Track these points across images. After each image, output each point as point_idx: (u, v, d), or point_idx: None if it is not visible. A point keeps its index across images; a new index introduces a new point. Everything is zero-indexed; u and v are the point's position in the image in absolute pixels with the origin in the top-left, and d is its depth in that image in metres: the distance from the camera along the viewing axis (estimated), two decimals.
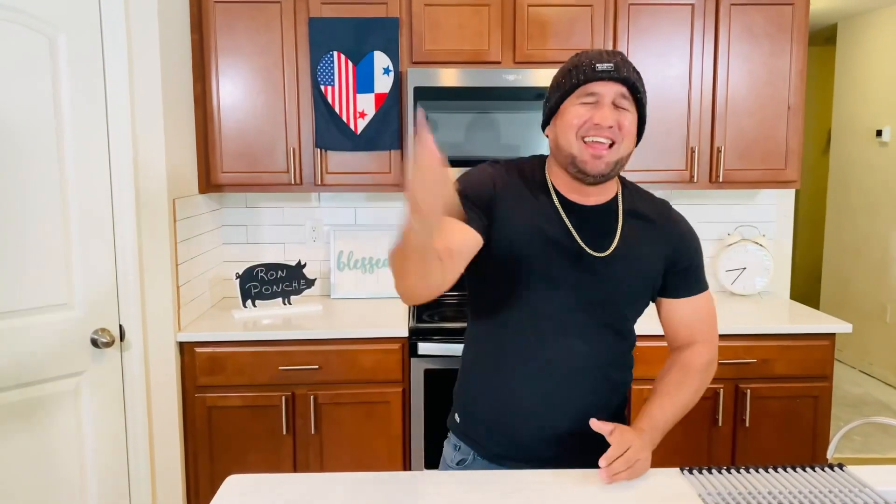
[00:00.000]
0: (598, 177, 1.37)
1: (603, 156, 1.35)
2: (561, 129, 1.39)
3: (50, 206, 2.16)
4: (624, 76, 1.35)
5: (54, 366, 2.20)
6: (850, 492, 1.29)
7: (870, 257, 5.11)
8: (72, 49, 2.18)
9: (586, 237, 1.41)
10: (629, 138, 1.38)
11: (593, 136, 1.35)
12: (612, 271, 1.41)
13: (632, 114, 1.38)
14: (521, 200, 1.42)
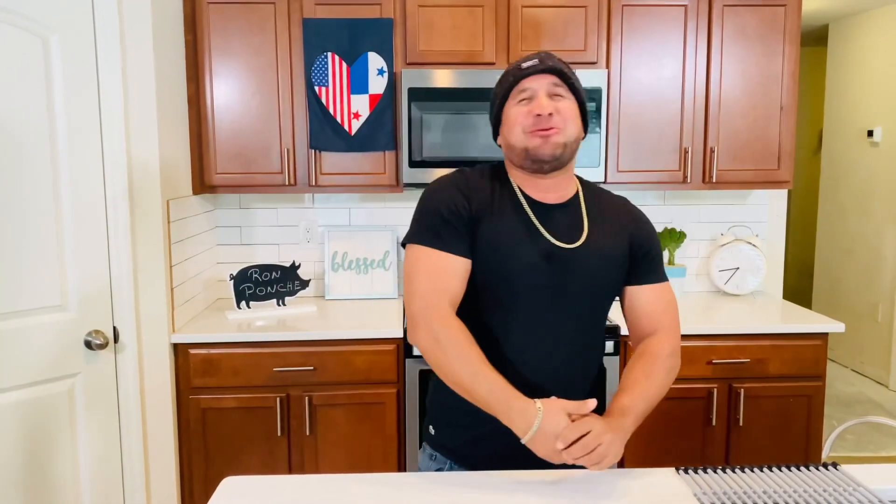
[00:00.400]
0: (553, 160, 1.43)
1: (550, 136, 1.41)
2: (507, 130, 1.46)
3: (43, 207, 2.15)
4: (549, 66, 1.43)
5: (48, 368, 2.19)
6: (844, 491, 1.30)
7: (861, 257, 5.14)
8: (65, 50, 2.17)
9: (554, 233, 1.45)
10: (571, 122, 1.44)
11: (537, 125, 1.41)
12: (583, 262, 1.45)
13: (569, 100, 1.44)
14: (492, 208, 1.46)
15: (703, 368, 2.66)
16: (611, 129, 2.85)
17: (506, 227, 1.44)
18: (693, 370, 2.66)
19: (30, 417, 2.16)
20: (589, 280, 1.46)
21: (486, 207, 1.45)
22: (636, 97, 2.85)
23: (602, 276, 1.49)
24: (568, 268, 1.44)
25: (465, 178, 1.49)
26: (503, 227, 1.44)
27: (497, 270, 1.43)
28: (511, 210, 1.46)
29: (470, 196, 1.45)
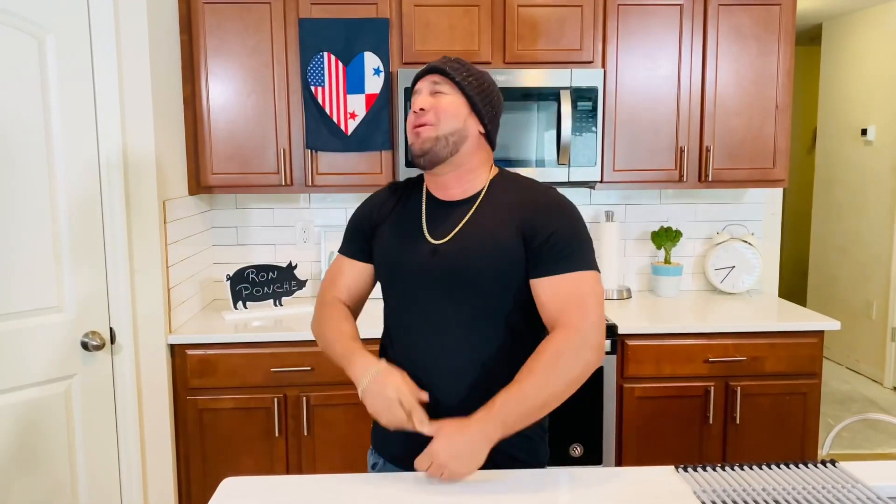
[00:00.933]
0: (423, 154, 1.46)
1: (420, 132, 1.45)
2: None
3: (39, 208, 2.14)
4: (433, 67, 1.49)
5: (45, 369, 2.18)
6: (843, 487, 1.30)
7: (855, 255, 5.16)
8: (60, 50, 2.16)
9: (435, 228, 1.50)
10: (447, 116, 1.45)
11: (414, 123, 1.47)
12: (453, 255, 1.46)
13: (450, 95, 1.47)
14: (393, 211, 1.57)
15: (700, 367, 2.67)
16: (607, 128, 2.85)
17: (396, 229, 1.54)
18: (690, 368, 2.66)
19: (27, 419, 2.15)
20: (464, 274, 1.43)
21: (387, 214, 1.57)
22: (632, 96, 2.86)
23: (479, 270, 1.43)
24: (439, 263, 1.46)
25: (383, 192, 1.62)
26: (394, 229, 1.54)
27: (384, 268, 1.56)
28: (408, 212, 1.55)
29: (378, 207, 1.59)
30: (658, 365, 2.66)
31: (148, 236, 2.42)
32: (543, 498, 1.28)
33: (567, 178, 2.80)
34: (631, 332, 2.64)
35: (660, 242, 3.16)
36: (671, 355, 2.66)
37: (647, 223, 3.28)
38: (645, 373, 2.66)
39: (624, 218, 3.27)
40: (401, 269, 1.51)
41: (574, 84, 2.75)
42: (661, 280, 3.16)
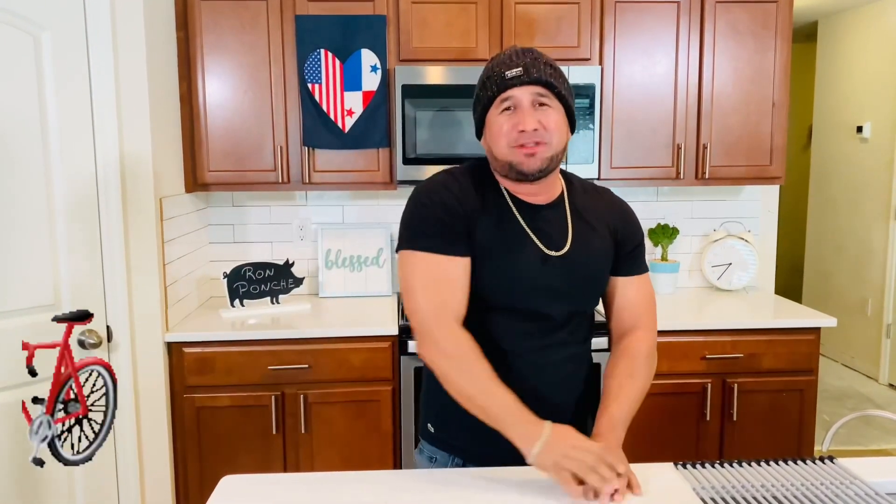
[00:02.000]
0: (537, 173, 1.41)
1: (536, 153, 1.38)
2: (491, 140, 1.43)
3: (35, 205, 2.14)
4: (535, 77, 1.37)
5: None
6: (841, 484, 1.31)
7: (850, 252, 5.18)
8: (56, 48, 2.15)
9: (543, 237, 1.45)
10: (558, 134, 1.40)
11: (522, 142, 1.38)
12: (570, 267, 1.45)
13: (555, 110, 1.40)
14: (483, 210, 1.44)
15: (697, 364, 2.67)
16: (604, 125, 2.85)
17: (498, 231, 1.43)
18: (687, 365, 2.67)
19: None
20: (580, 282, 1.48)
21: (477, 210, 1.43)
22: (629, 93, 2.86)
23: (591, 276, 1.50)
24: (559, 272, 1.44)
25: (455, 179, 1.46)
26: (496, 231, 1.43)
27: (492, 276, 1.41)
28: (501, 213, 1.45)
29: (461, 197, 1.42)
30: None
31: (144, 234, 2.42)
32: (540, 494, 1.28)
33: None
34: None
35: (657, 239, 3.17)
36: (668, 352, 2.66)
37: (644, 220, 3.25)
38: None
39: None
40: (514, 279, 1.42)
41: (571, 81, 2.74)
42: (658, 277, 3.17)
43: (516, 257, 1.42)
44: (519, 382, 1.38)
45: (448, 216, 1.40)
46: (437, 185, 1.44)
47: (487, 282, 1.42)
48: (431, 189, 1.44)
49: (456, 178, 1.46)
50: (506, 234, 1.43)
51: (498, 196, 1.47)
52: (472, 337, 1.37)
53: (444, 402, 1.47)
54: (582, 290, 1.49)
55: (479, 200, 1.44)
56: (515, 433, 1.28)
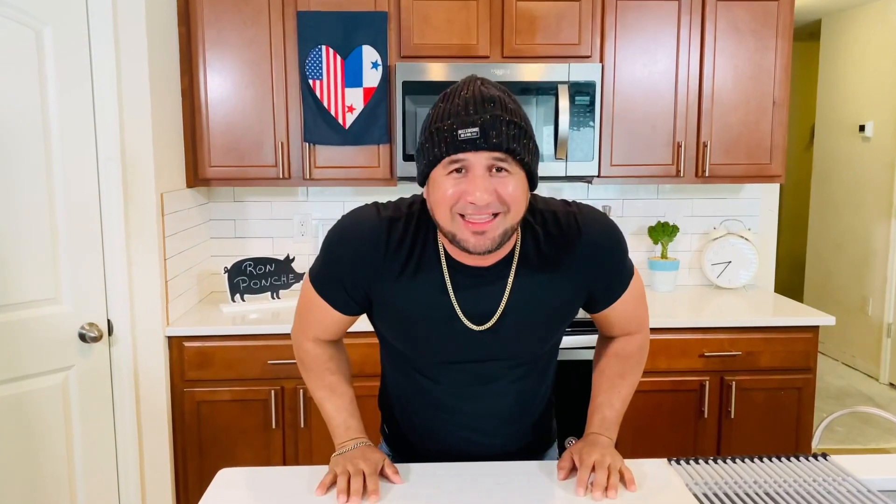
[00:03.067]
0: (487, 252, 1.18)
1: (486, 231, 1.15)
2: (434, 201, 1.18)
3: (37, 200, 2.15)
4: (494, 143, 1.11)
5: (42, 361, 2.19)
6: (833, 480, 1.31)
7: (852, 251, 5.18)
8: (58, 42, 2.16)
9: (469, 306, 1.27)
10: (516, 205, 1.15)
11: (470, 215, 1.14)
12: (498, 340, 1.29)
13: (514, 177, 1.15)
14: (402, 274, 1.26)
15: (695, 361, 2.68)
16: (604, 123, 2.86)
17: (417, 298, 1.27)
18: (685, 363, 2.68)
19: (24, 410, 2.16)
20: (514, 350, 1.33)
21: (394, 271, 1.26)
22: (630, 91, 2.86)
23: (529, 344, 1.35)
24: (485, 344, 1.30)
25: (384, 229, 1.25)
26: (415, 297, 1.27)
27: (407, 342, 1.34)
28: (426, 276, 1.26)
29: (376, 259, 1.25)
30: (653, 359, 2.66)
31: (145, 229, 2.43)
32: (533, 490, 1.29)
33: (564, 173, 2.80)
34: None
35: (657, 237, 3.17)
36: (666, 350, 2.67)
37: (644, 218, 3.28)
38: None
39: (621, 213, 3.28)
40: (432, 351, 1.33)
41: (572, 79, 2.76)
42: (658, 275, 3.17)
43: (435, 329, 1.29)
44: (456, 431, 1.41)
45: (343, 280, 1.29)
46: (358, 233, 1.26)
47: (406, 346, 1.36)
48: (350, 237, 1.27)
49: (386, 228, 1.26)
50: (426, 303, 1.27)
51: (432, 256, 1.26)
52: (335, 351, 1.45)
53: (391, 406, 1.51)
54: (518, 354, 1.35)
55: (402, 261, 1.25)
56: (335, 440, 1.40)
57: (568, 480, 1.32)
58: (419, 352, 1.35)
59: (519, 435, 1.46)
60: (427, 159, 1.17)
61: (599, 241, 1.30)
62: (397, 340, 1.37)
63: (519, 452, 1.45)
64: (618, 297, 1.38)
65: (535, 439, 1.50)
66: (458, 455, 1.42)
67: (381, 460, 1.33)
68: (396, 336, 1.36)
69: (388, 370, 1.48)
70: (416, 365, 1.38)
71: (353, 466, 1.30)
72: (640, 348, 1.48)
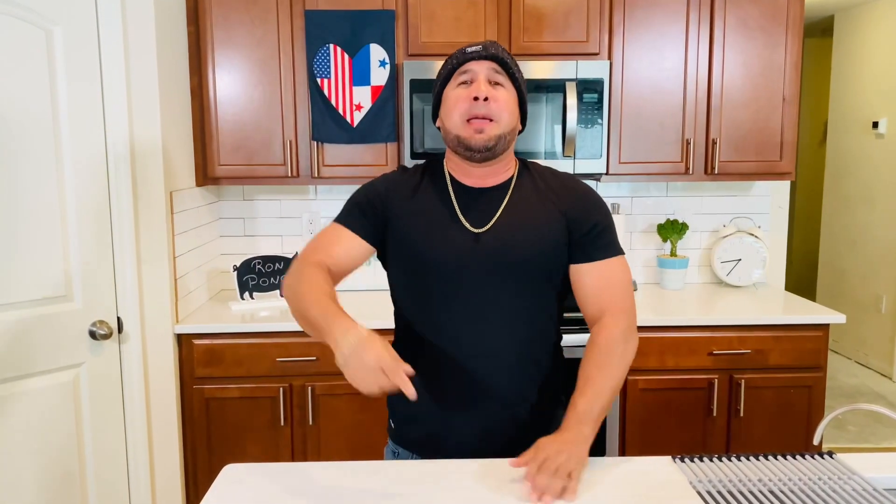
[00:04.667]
0: (484, 150, 1.43)
1: (484, 129, 1.42)
2: (445, 113, 1.48)
3: (47, 198, 2.17)
4: (492, 53, 1.45)
5: (52, 358, 2.21)
6: (839, 479, 1.31)
7: (865, 248, 5.13)
8: (68, 42, 2.18)
9: (471, 216, 1.47)
10: (508, 113, 1.45)
11: (474, 114, 1.42)
12: (495, 244, 1.44)
13: (507, 90, 1.46)
14: (414, 196, 1.50)
15: (704, 359, 2.67)
16: (612, 120, 2.85)
17: (424, 218, 1.47)
18: (694, 361, 2.67)
19: (35, 407, 2.18)
20: (510, 259, 1.44)
21: (406, 201, 1.49)
22: (638, 88, 2.85)
23: (525, 254, 1.44)
24: (483, 250, 1.43)
25: (396, 174, 1.56)
26: (421, 218, 1.47)
27: (413, 259, 1.47)
28: (433, 197, 1.50)
29: (392, 186, 1.52)
30: (662, 357, 2.66)
31: (155, 227, 2.45)
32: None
33: (573, 170, 2.80)
34: None
35: (666, 235, 3.16)
36: (675, 348, 2.66)
37: (653, 216, 3.27)
38: (649, 365, 2.66)
39: (630, 210, 3.27)
40: (437, 259, 1.45)
41: (580, 76, 2.75)
42: (667, 273, 3.16)
43: (439, 233, 1.45)
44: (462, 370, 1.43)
45: (365, 201, 1.51)
46: (379, 178, 1.57)
47: (416, 261, 1.47)
48: (373, 180, 1.56)
49: (402, 171, 1.57)
50: (432, 214, 1.47)
51: (439, 178, 1.52)
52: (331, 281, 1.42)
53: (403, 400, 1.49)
54: (513, 269, 1.44)
55: (411, 189, 1.51)
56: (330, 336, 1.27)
57: None
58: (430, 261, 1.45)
59: (522, 390, 1.48)
60: (441, 79, 1.50)
61: (585, 191, 1.53)
62: (411, 258, 1.47)
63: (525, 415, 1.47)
64: (599, 258, 1.47)
65: (539, 402, 1.50)
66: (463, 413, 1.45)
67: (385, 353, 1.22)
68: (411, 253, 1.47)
69: (400, 335, 1.55)
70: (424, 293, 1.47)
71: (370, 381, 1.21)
72: (622, 338, 1.43)
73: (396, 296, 1.56)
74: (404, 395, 1.39)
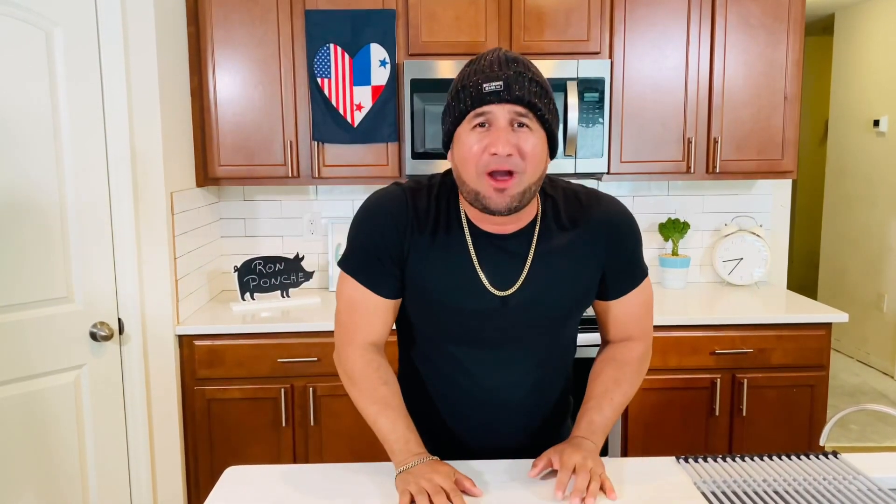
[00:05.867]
0: (506, 212, 1.23)
1: (507, 188, 1.20)
2: (459, 160, 1.25)
3: (48, 199, 2.16)
4: (516, 95, 1.18)
5: (54, 359, 2.21)
6: (843, 479, 1.30)
7: (867, 247, 5.13)
8: (68, 43, 2.18)
9: (494, 273, 1.30)
10: (534, 163, 1.21)
11: (493, 168, 1.20)
12: (524, 306, 1.31)
13: (534, 134, 1.21)
14: (431, 242, 1.31)
15: (707, 359, 2.66)
16: (614, 119, 2.84)
17: (441, 261, 1.30)
18: (696, 360, 2.66)
19: (36, 409, 2.18)
20: (534, 324, 1.34)
21: (422, 237, 1.31)
22: (639, 87, 2.84)
23: (555, 316, 1.36)
24: (506, 313, 1.32)
25: (406, 201, 1.31)
26: (438, 260, 1.31)
27: (429, 312, 1.35)
28: (450, 242, 1.31)
29: (403, 228, 1.30)
30: (664, 357, 2.65)
31: (156, 228, 2.44)
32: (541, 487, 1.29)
33: (574, 170, 2.79)
34: None
35: (667, 234, 3.15)
36: (677, 347, 2.66)
37: (654, 215, 3.26)
38: (651, 364, 2.62)
39: (631, 209, 3.21)
40: (459, 317, 1.32)
41: (581, 75, 2.74)
42: (669, 272, 3.15)
43: (457, 295, 1.31)
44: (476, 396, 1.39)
45: (379, 252, 1.31)
46: (382, 208, 1.32)
47: (427, 316, 1.36)
48: (376, 211, 1.33)
49: (408, 200, 1.32)
50: (450, 268, 1.31)
51: (455, 222, 1.32)
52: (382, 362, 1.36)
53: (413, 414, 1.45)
54: (541, 324, 1.35)
55: (429, 226, 1.31)
56: (394, 458, 1.29)
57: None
58: (444, 322, 1.34)
59: (533, 429, 1.45)
60: (453, 116, 1.25)
61: (617, 220, 1.36)
62: (422, 314, 1.36)
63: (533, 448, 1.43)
64: (629, 290, 1.39)
65: (549, 438, 1.47)
66: (474, 449, 1.42)
67: (453, 473, 1.24)
68: (421, 309, 1.36)
69: (409, 356, 1.47)
70: (439, 342, 1.37)
71: (430, 484, 1.19)
72: (641, 359, 1.43)
73: (404, 324, 1.44)
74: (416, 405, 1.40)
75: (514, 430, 1.44)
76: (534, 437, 1.45)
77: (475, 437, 1.44)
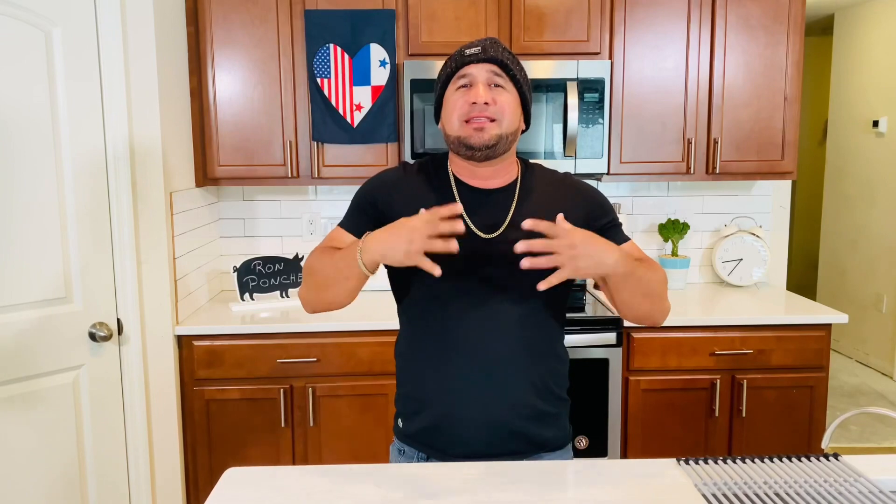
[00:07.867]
0: (484, 148, 1.42)
1: (485, 128, 1.41)
2: (446, 116, 1.47)
3: (47, 200, 2.16)
4: (491, 55, 1.42)
5: (52, 360, 2.20)
6: (844, 481, 1.30)
7: (866, 248, 5.13)
8: (67, 43, 2.17)
9: (479, 220, 1.45)
10: (509, 115, 1.43)
11: (473, 116, 1.41)
12: (506, 250, 1.34)
13: (509, 92, 1.44)
14: (417, 195, 1.48)
15: (706, 360, 2.66)
16: (614, 120, 2.84)
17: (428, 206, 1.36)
18: (696, 361, 2.66)
19: (35, 409, 2.17)
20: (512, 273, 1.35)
21: (408, 196, 1.47)
22: (639, 88, 2.84)
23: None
24: (494, 257, 1.42)
25: (397, 171, 1.55)
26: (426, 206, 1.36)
27: None
28: (437, 197, 1.47)
29: (392, 187, 1.51)
30: (664, 357, 2.65)
31: (155, 228, 2.44)
32: (542, 487, 1.29)
33: (574, 170, 2.79)
34: (637, 325, 2.63)
35: (667, 235, 3.15)
36: (677, 348, 2.65)
37: (654, 215, 3.26)
38: (651, 365, 2.66)
39: (631, 210, 3.26)
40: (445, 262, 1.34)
41: (581, 76, 2.74)
42: (668, 272, 3.15)
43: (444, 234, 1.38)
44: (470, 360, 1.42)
45: (366, 202, 1.51)
46: (379, 175, 1.56)
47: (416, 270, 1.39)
48: (373, 178, 1.56)
49: (403, 168, 1.56)
50: None
51: (444, 178, 1.51)
52: None
53: (408, 396, 1.52)
54: (521, 276, 1.34)
55: (416, 189, 1.49)
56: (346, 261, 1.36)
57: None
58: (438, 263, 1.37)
59: (528, 381, 1.46)
60: (441, 82, 1.49)
61: (592, 191, 1.56)
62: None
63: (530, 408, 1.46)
64: (618, 243, 1.44)
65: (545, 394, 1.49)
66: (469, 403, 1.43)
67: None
68: None
69: (404, 337, 1.55)
70: (429, 295, 1.45)
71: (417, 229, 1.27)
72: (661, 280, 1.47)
73: (399, 290, 1.54)
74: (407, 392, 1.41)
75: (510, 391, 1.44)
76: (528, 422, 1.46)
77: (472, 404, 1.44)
